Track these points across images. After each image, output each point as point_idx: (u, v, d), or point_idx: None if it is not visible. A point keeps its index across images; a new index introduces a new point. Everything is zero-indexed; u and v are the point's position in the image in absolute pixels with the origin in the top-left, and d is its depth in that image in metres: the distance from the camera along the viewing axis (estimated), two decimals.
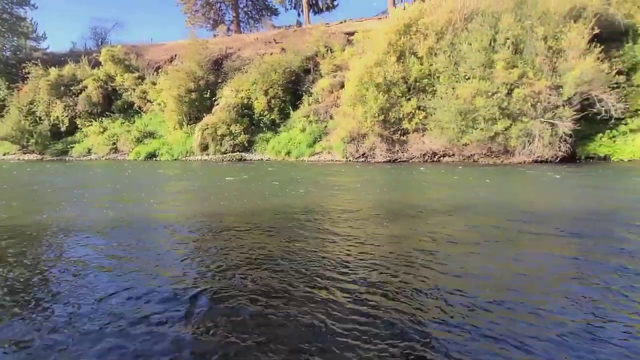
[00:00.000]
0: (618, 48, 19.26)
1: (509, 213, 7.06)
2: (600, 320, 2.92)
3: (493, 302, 3.26)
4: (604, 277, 3.78)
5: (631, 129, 18.22)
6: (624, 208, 7.42)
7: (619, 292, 3.42)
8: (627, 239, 5.12)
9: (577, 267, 4.12)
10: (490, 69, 19.58)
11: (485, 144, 19.33)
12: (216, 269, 4.18)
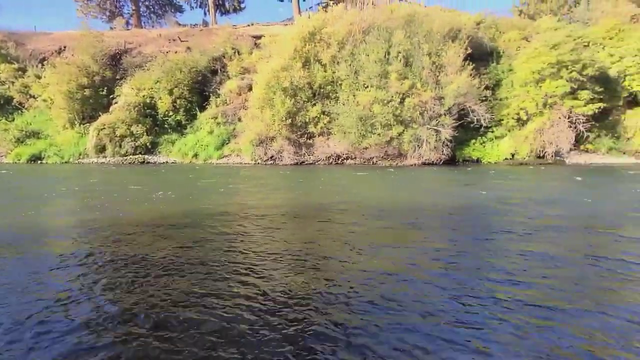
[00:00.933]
0: (485, 67, 22.97)
1: (400, 211, 8.41)
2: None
3: (390, 300, 3.76)
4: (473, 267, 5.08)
5: (496, 135, 21.92)
6: (481, 203, 9.34)
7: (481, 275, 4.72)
8: (487, 230, 6.72)
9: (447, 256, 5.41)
10: (385, 79, 21.81)
11: (383, 148, 21.52)
12: (112, 277, 4.49)
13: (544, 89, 20.55)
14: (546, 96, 20.58)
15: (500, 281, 4.25)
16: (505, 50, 23.58)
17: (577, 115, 20.26)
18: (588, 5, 25.54)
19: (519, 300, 3.71)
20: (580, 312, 3.49)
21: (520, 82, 21.51)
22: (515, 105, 21.39)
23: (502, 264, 4.84)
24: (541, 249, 5.42)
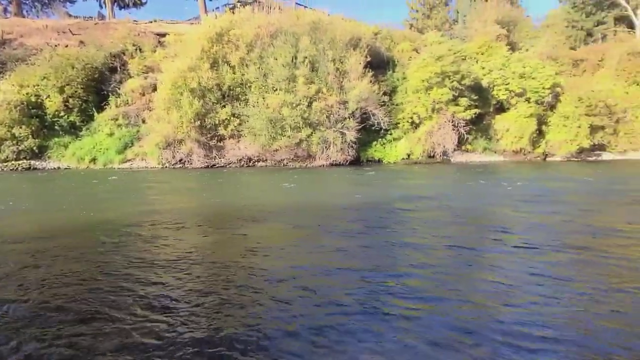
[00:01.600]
0: (383, 74, 25.46)
1: (306, 212, 8.97)
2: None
3: (296, 300, 3.90)
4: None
5: (394, 137, 24.50)
6: (378, 200, 10.71)
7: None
8: (388, 227, 7.86)
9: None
10: (293, 83, 22.92)
11: (292, 150, 22.62)
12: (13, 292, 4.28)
13: (432, 95, 23.52)
14: (434, 102, 23.59)
15: (391, 275, 4.61)
16: (399, 59, 26.35)
17: (458, 119, 23.60)
18: (464, 24, 29.75)
19: (406, 289, 4.21)
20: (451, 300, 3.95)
21: (412, 89, 24.28)
22: (409, 110, 24.13)
23: (396, 259, 5.32)
24: (424, 241, 6.28)
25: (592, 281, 4.25)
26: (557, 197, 10.48)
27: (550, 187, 12.95)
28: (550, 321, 3.35)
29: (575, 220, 7.67)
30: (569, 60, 27.57)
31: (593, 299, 3.81)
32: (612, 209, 8.95)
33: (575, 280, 4.34)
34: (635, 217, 7.84)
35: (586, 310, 3.58)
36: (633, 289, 3.97)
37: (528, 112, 24.12)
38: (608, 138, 24.65)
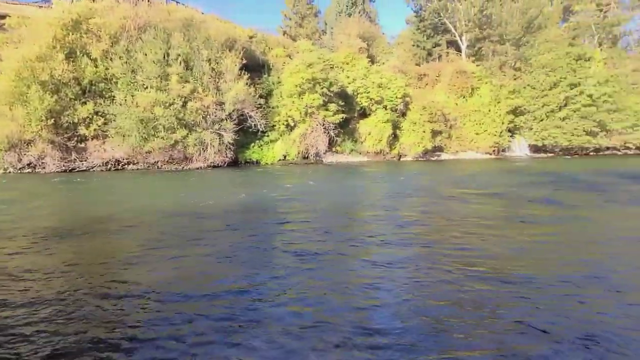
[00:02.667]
0: (259, 77, 26.60)
1: (182, 216, 8.24)
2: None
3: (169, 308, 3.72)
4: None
5: (271, 139, 25.93)
6: (254, 201, 11.63)
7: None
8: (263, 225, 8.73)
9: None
10: (166, 81, 22.32)
11: (167, 152, 22.08)
12: None
13: (304, 100, 25.59)
14: (307, 106, 25.71)
15: (258, 271, 4.72)
16: (274, 64, 27.82)
17: (329, 123, 26.23)
18: (332, 35, 32.90)
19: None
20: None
21: (287, 93, 25.99)
22: (284, 113, 25.80)
23: (267, 261, 5.25)
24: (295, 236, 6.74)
25: (435, 268, 4.79)
26: (409, 192, 12.92)
27: (403, 183, 15.76)
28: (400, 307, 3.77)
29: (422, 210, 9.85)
30: (415, 74, 33.01)
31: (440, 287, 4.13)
32: (444, 202, 11.54)
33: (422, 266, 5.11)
34: (458, 207, 10.32)
35: (429, 298, 3.88)
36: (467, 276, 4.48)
37: (385, 118, 28.20)
38: (445, 141, 30.53)
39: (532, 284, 4.17)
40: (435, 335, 3.20)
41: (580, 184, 13.70)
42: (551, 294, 3.95)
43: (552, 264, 4.94)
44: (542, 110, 32.24)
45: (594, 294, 3.99)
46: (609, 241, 6.16)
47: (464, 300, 3.82)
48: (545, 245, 5.82)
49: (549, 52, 33.72)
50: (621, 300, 3.87)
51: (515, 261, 5.01)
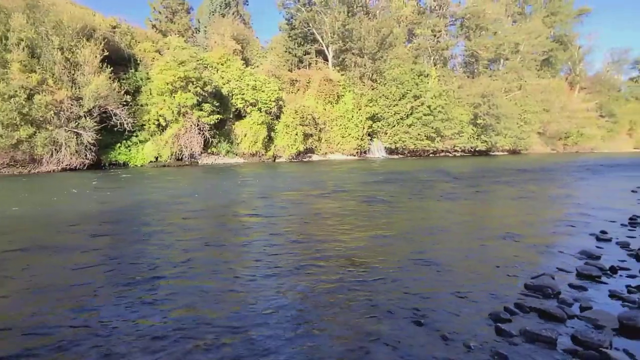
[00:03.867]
0: (125, 72, 24.40)
1: (28, 226, 7.36)
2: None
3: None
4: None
5: (140, 140, 24.07)
6: (130, 206, 11.00)
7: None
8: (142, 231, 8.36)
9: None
10: (4, 69, 18.83)
11: (8, 153, 18.68)
12: None
13: (177, 99, 24.50)
14: (179, 106, 24.66)
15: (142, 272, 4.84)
16: (142, 59, 25.81)
17: (203, 124, 25.63)
18: (205, 34, 31.96)
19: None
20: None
21: (157, 90, 24.46)
22: (155, 112, 24.25)
23: (153, 259, 5.47)
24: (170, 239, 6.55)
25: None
26: (279, 192, 13.92)
27: (275, 184, 16.67)
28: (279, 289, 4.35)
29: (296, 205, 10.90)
30: (288, 79, 34.47)
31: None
32: (318, 199, 12.90)
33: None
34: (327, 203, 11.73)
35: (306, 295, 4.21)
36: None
37: (260, 120, 28.87)
38: (315, 143, 32.75)
39: (378, 272, 4.88)
40: (296, 327, 3.49)
41: (418, 180, 16.43)
42: (393, 278, 4.70)
43: (393, 252, 5.84)
44: (394, 117, 37.26)
45: (426, 276, 4.84)
46: (433, 231, 7.46)
47: (322, 290, 4.25)
48: (385, 238, 6.76)
49: (398, 68, 39.09)
50: (444, 279, 4.75)
51: (363, 252, 5.81)
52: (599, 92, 60.82)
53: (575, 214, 9.03)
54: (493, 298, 4.18)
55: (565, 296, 4.18)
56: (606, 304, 4.06)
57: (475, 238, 6.88)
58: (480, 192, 13.19)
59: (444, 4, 49.68)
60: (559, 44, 58.28)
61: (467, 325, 3.55)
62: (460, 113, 41.13)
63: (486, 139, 42.42)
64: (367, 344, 3.23)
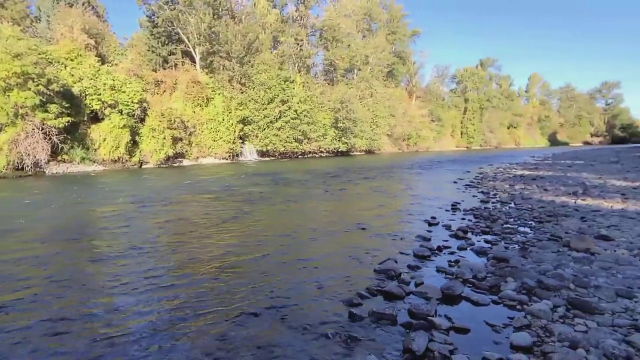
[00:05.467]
0: None
1: None
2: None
3: None
4: None
5: None
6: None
7: None
8: None
9: None
10: None
11: None
12: None
13: (12, 98, 20.42)
14: (16, 106, 20.61)
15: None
16: None
17: (50, 127, 21.90)
18: (49, 24, 27.07)
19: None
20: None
21: None
22: None
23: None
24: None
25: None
26: (148, 200, 13.00)
27: (142, 192, 15.46)
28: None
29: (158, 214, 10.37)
30: (152, 80, 31.62)
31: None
32: (179, 207, 12.48)
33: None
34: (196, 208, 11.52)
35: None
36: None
37: (121, 123, 26.03)
38: (186, 148, 30.99)
39: (246, 275, 4.99)
40: (160, 339, 3.42)
41: (288, 181, 17.36)
42: (260, 279, 4.82)
43: (261, 253, 5.97)
44: (264, 121, 37.73)
45: (290, 273, 5.01)
46: (300, 229, 7.92)
47: (189, 299, 4.22)
48: (254, 240, 6.92)
49: (265, 73, 39.72)
50: (307, 274, 4.95)
51: (233, 256, 5.85)
52: (430, 100, 72.10)
53: (413, 204, 10.67)
54: (349, 285, 4.49)
55: (405, 276, 4.76)
56: (434, 278, 4.73)
57: (335, 232, 7.49)
58: (342, 188, 14.59)
59: (304, 15, 52.25)
60: (399, 58, 66.97)
61: (326, 314, 3.75)
62: (323, 117, 43.97)
63: (346, 140, 46.25)
64: (231, 349, 3.22)
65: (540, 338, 3.21)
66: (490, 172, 20.10)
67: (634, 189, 11.54)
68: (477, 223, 7.80)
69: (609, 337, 3.10)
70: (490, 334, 3.41)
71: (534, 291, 4.13)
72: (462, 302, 4.07)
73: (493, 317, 3.68)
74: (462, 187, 13.94)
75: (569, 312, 3.64)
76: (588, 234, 6.32)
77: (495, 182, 15.20)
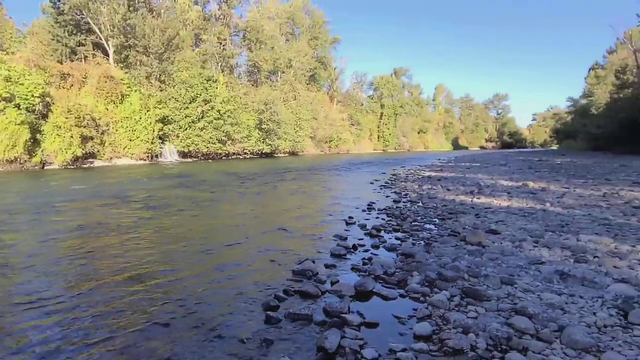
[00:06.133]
0: None
1: None
2: None
3: None
4: None
5: None
6: None
7: None
8: None
9: None
10: None
11: None
12: None
13: None
14: None
15: None
16: None
17: None
18: None
19: None
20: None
21: None
22: None
23: None
24: None
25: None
26: (52, 206, 11.77)
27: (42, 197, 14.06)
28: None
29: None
30: (57, 72, 28.46)
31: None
32: (88, 213, 11.58)
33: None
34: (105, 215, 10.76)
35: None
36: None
37: (19, 119, 23.18)
38: (97, 147, 28.49)
39: (161, 284, 4.58)
40: (62, 350, 3.15)
41: (212, 182, 16.91)
42: (176, 288, 4.43)
43: (179, 261, 5.57)
44: (185, 120, 36.19)
45: (204, 280, 4.68)
46: (220, 233, 7.64)
47: (98, 315, 3.79)
48: (173, 246, 6.41)
49: (187, 71, 38.14)
50: (222, 279, 4.70)
51: (150, 265, 5.32)
52: (349, 105, 75.29)
53: (333, 204, 10.90)
54: (267, 288, 4.37)
55: (321, 276, 4.70)
56: (348, 276, 4.72)
57: (254, 235, 7.24)
58: (264, 190, 14.51)
59: (227, 14, 51.18)
60: (321, 64, 68.86)
61: (242, 319, 3.62)
62: (247, 118, 43.53)
63: (270, 142, 46.32)
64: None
65: (438, 326, 3.39)
66: (402, 174, 21.30)
67: (517, 188, 13.01)
68: (390, 221, 8.12)
69: (494, 321, 3.32)
70: (396, 326, 3.53)
71: (435, 283, 4.36)
72: (374, 298, 4.17)
73: (400, 310, 3.81)
74: (378, 188, 14.51)
75: (463, 300, 3.86)
76: (480, 229, 6.88)
77: (407, 183, 15.99)
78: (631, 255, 5.08)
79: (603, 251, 5.36)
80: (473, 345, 3.00)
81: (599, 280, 4.19)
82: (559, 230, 6.69)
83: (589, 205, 9.13)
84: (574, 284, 4.22)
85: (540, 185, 13.62)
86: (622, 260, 4.92)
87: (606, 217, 7.75)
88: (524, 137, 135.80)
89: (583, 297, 3.82)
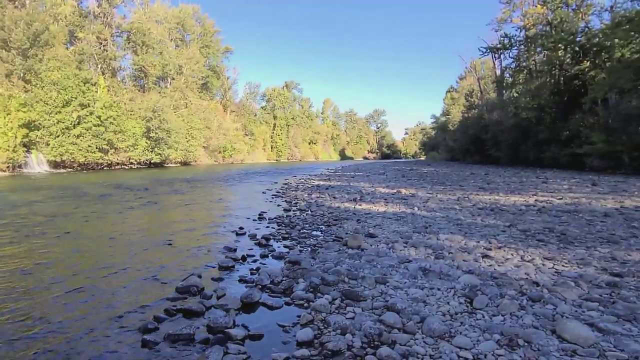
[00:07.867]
0: None
1: None
2: None
3: None
4: None
5: None
6: None
7: None
8: None
9: None
10: None
11: None
12: None
13: None
14: None
15: None
16: None
17: None
18: None
19: None
20: None
21: None
22: None
23: None
24: None
25: None
26: None
27: None
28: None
29: None
30: None
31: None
32: None
33: None
34: None
35: None
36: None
37: None
38: None
39: (23, 311, 3.94)
40: None
41: (89, 196, 14.96)
42: (41, 316, 3.80)
43: (47, 285, 4.78)
44: (58, 126, 31.20)
45: (79, 305, 4.10)
46: (97, 251, 6.70)
47: None
48: (40, 269, 5.54)
49: (59, 70, 33.07)
50: (98, 304, 4.20)
51: (10, 292, 4.51)
52: (243, 115, 74.28)
53: (224, 215, 10.38)
54: (147, 310, 3.95)
55: (207, 290, 4.35)
56: (236, 288, 4.44)
57: (137, 251, 6.57)
58: (151, 202, 13.25)
59: (108, 13, 46.05)
60: (213, 72, 66.60)
61: (118, 347, 3.24)
62: (133, 126, 39.61)
63: (160, 151, 42.79)
64: None
65: (320, 330, 3.37)
66: (293, 183, 21.45)
67: (392, 195, 13.99)
68: (279, 230, 8.00)
69: (368, 319, 3.43)
70: (281, 335, 3.43)
71: (318, 288, 4.34)
72: (260, 308, 4.01)
73: (285, 318, 3.72)
74: (270, 197, 14.29)
75: (343, 302, 3.91)
76: (361, 233, 7.12)
77: (297, 192, 15.87)
78: (476, 250, 5.89)
79: (456, 247, 6.06)
80: (350, 344, 3.08)
81: (452, 273, 4.69)
82: (424, 231, 7.41)
83: (446, 208, 10.40)
84: (433, 278, 4.63)
85: (411, 191, 15.01)
86: (469, 254, 5.62)
87: (459, 217, 8.94)
88: (399, 149, 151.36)
89: (440, 289, 4.22)
